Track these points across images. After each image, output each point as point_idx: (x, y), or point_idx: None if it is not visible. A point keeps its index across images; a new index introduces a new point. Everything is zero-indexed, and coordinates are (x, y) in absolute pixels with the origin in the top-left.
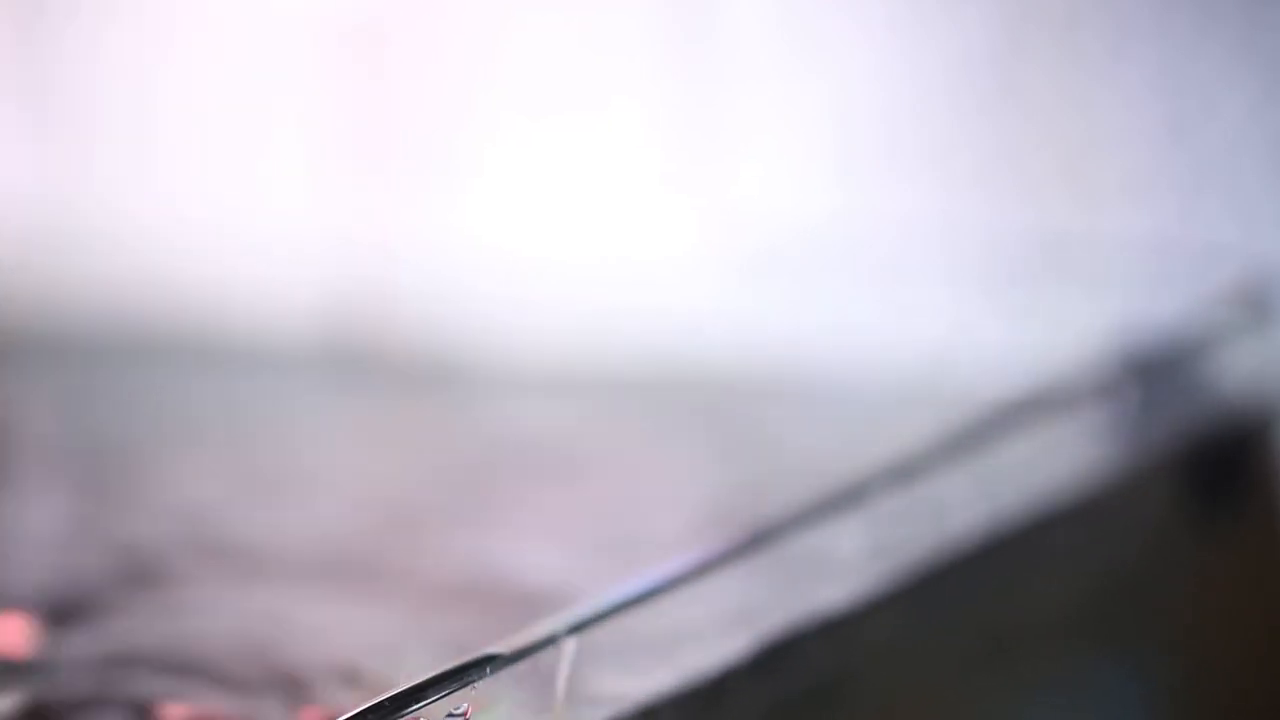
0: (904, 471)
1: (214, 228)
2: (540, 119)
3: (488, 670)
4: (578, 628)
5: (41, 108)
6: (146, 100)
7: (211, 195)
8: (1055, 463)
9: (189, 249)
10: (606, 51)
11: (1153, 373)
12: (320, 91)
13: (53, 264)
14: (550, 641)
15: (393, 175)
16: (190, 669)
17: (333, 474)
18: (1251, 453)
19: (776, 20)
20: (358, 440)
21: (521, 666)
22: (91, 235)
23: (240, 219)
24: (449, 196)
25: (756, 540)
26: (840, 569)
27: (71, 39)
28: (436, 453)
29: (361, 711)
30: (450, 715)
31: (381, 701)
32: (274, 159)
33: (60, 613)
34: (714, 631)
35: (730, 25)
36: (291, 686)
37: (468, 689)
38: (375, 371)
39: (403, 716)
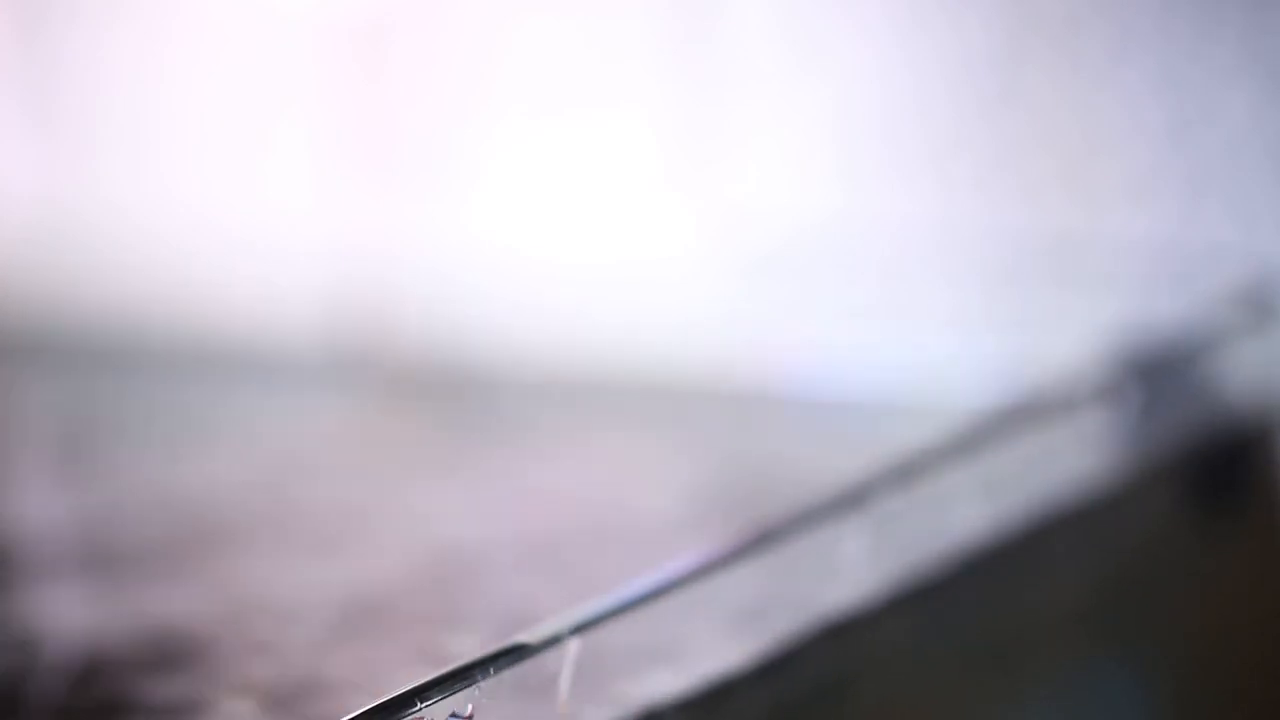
0: (906, 473)
1: (215, 228)
2: (542, 120)
3: (491, 671)
4: (581, 628)
5: (43, 107)
6: (148, 100)
7: (213, 195)
8: (1057, 465)
9: (190, 249)
10: (608, 52)
11: (1154, 374)
12: (322, 92)
13: (53, 264)
14: (554, 642)
15: (395, 176)
16: (196, 667)
17: (334, 474)
18: (1253, 454)
19: (778, 21)
20: (359, 440)
21: (525, 667)
22: (92, 235)
23: (242, 219)
24: (451, 197)
25: (759, 542)
26: (843, 571)
27: (73, 39)
28: (437, 453)
29: (365, 712)
30: (454, 716)
31: (385, 702)
32: (276, 159)
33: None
34: (717, 633)
35: (731, 26)
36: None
37: (471, 690)
38: (377, 372)
39: (406, 717)
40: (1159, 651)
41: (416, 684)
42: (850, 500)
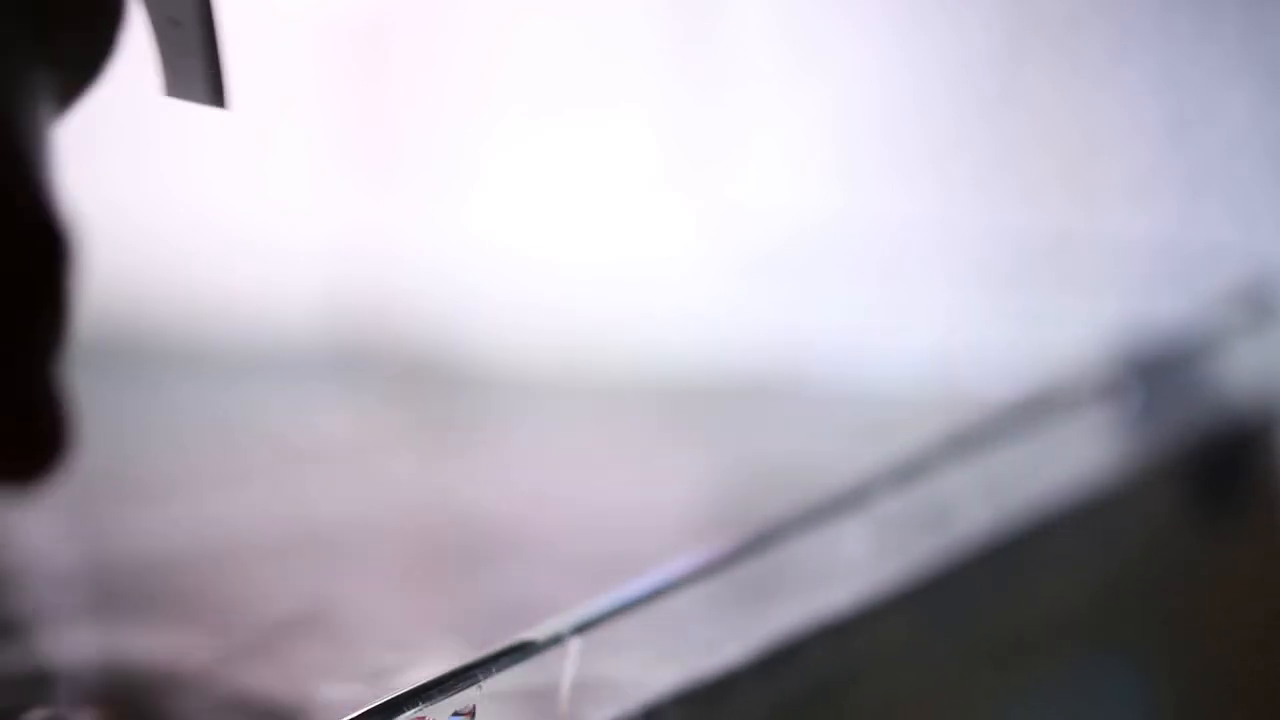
0: (907, 473)
1: (215, 228)
2: (542, 120)
3: (493, 670)
4: (582, 628)
5: None
6: (148, 100)
7: (213, 195)
8: (1057, 464)
9: (190, 249)
10: (608, 52)
11: (1154, 374)
12: (322, 92)
13: None
14: (555, 641)
15: (395, 176)
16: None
17: (333, 475)
18: (1254, 453)
19: (778, 21)
20: (359, 441)
21: (526, 667)
22: (92, 235)
23: (242, 219)
24: (451, 197)
25: (760, 541)
26: (844, 571)
27: None
28: (437, 454)
29: (365, 712)
30: (455, 715)
31: (386, 702)
32: (276, 159)
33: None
34: (717, 633)
35: (731, 26)
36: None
37: (472, 689)
38: (377, 372)
39: (407, 716)
40: (1159, 651)
41: (418, 684)
42: (851, 499)
